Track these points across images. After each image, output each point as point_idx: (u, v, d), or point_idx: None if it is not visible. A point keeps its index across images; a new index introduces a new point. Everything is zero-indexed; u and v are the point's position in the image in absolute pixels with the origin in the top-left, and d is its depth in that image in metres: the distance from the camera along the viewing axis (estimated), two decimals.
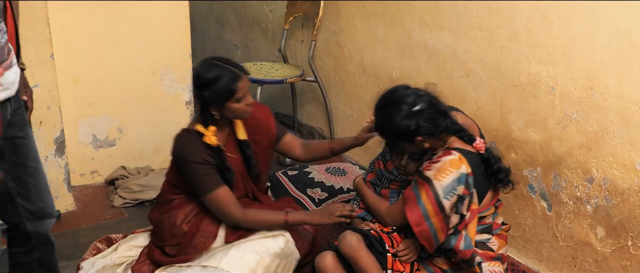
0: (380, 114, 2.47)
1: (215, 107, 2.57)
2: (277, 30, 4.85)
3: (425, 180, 2.40)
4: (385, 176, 2.78)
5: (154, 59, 3.78)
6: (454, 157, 2.38)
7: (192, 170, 2.60)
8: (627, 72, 2.49)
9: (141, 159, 3.93)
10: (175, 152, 2.66)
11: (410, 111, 2.38)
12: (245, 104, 2.60)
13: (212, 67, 2.55)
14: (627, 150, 2.54)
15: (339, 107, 4.29)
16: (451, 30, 3.25)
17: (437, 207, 2.37)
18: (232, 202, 2.64)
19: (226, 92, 2.53)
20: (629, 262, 2.62)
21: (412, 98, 2.40)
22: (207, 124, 2.60)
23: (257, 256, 2.61)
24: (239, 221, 2.65)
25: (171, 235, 2.70)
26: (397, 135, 2.45)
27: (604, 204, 2.66)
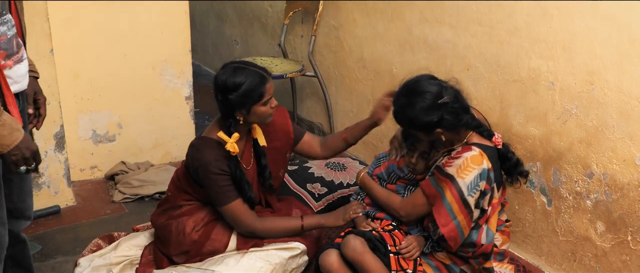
0: (403, 102, 2.43)
1: (241, 111, 2.53)
2: (276, 25, 4.85)
3: (448, 177, 2.37)
4: (395, 173, 2.75)
5: (153, 54, 3.78)
6: (475, 152, 2.37)
7: (211, 181, 2.56)
8: (627, 67, 2.48)
9: (141, 154, 3.93)
10: (193, 161, 2.60)
11: (436, 103, 2.37)
12: (270, 107, 2.57)
13: (238, 71, 2.51)
14: (627, 145, 2.54)
15: (338, 102, 4.29)
16: (451, 25, 3.24)
17: (462, 204, 2.36)
18: (249, 213, 2.63)
19: (255, 95, 2.49)
20: (629, 257, 2.62)
21: (437, 89, 2.40)
22: (230, 131, 2.54)
23: (270, 266, 2.61)
24: (257, 231, 2.65)
25: (179, 242, 2.67)
26: (418, 125, 2.41)
27: (604, 199, 2.67)
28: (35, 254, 2.99)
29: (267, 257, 2.63)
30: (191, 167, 2.62)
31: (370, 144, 4.05)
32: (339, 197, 3.42)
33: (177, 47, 3.85)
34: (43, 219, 3.32)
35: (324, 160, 3.71)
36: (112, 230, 3.21)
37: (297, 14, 4.51)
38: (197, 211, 2.70)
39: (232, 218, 2.63)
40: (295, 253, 2.68)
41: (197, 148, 2.60)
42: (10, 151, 1.87)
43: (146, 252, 2.82)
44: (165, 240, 2.72)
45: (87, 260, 2.80)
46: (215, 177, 2.55)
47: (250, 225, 2.63)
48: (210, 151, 2.56)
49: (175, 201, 2.75)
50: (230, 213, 2.61)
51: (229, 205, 2.59)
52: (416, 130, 2.47)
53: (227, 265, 2.59)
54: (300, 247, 2.70)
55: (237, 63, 2.58)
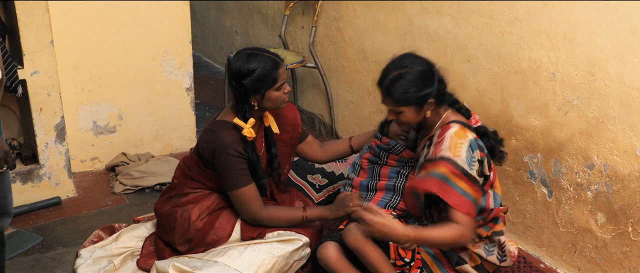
0: (396, 73, 2.43)
1: (256, 96, 2.56)
2: (277, 16, 4.84)
3: (444, 159, 2.34)
4: (383, 149, 2.77)
5: (154, 45, 3.77)
6: (456, 128, 2.39)
7: (227, 164, 2.57)
8: (628, 58, 2.48)
9: (141, 146, 3.93)
10: (209, 144, 2.61)
11: (430, 70, 2.42)
12: (284, 92, 2.61)
13: (252, 57, 2.55)
14: (627, 136, 2.54)
15: (339, 93, 4.29)
16: (452, 16, 3.24)
17: (468, 179, 2.34)
18: (257, 200, 2.64)
19: (269, 80, 2.54)
20: (629, 248, 2.62)
21: (426, 60, 2.45)
22: (246, 117, 2.58)
23: (273, 259, 2.61)
24: (261, 219, 2.66)
25: (183, 230, 2.68)
26: (413, 97, 2.39)
27: (605, 190, 2.66)
28: (36, 245, 3.00)
29: (270, 250, 2.63)
30: (207, 150, 2.63)
31: None
32: (340, 188, 3.42)
33: (178, 38, 3.84)
34: (44, 210, 3.33)
35: None
36: (113, 222, 3.21)
37: (298, 5, 4.50)
38: (203, 199, 2.71)
39: (241, 203, 2.64)
40: (297, 246, 2.69)
41: (214, 131, 2.62)
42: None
43: (147, 243, 2.83)
44: (170, 227, 2.73)
45: (88, 251, 2.81)
46: (233, 159, 2.57)
47: (256, 212, 2.65)
48: (227, 133, 2.59)
49: (182, 188, 2.76)
50: (240, 198, 2.62)
51: (242, 189, 2.60)
52: (409, 104, 2.42)
53: (230, 257, 2.59)
54: (303, 239, 2.71)
55: (250, 49, 2.62)
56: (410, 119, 2.47)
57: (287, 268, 2.69)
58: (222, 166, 2.60)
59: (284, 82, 2.60)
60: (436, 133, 2.45)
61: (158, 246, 2.77)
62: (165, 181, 3.61)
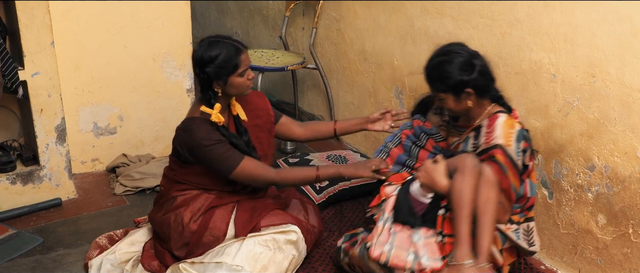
0: (437, 60, 2.53)
1: (219, 82, 2.59)
2: (277, 17, 4.84)
3: (497, 147, 2.44)
4: (425, 132, 2.77)
5: (154, 45, 3.77)
6: (504, 118, 2.49)
7: (211, 153, 2.59)
8: (629, 59, 2.48)
9: (142, 147, 3.93)
10: (184, 144, 2.63)
11: (471, 61, 2.49)
12: (247, 78, 2.63)
13: (214, 44, 2.59)
14: (628, 137, 2.54)
15: (340, 94, 4.29)
16: (452, 17, 3.24)
17: (514, 168, 2.44)
18: (261, 167, 2.64)
19: (230, 65, 2.56)
20: (630, 250, 2.62)
21: (471, 50, 2.53)
22: (211, 103, 2.61)
23: (269, 252, 2.62)
24: (274, 180, 2.67)
25: (178, 234, 2.68)
26: (450, 83, 2.48)
27: (605, 192, 2.66)
28: (37, 247, 3.00)
29: (265, 243, 2.64)
30: (184, 150, 2.65)
31: (372, 136, 4.05)
32: (340, 189, 3.42)
33: (178, 39, 3.84)
34: (44, 212, 3.33)
35: (325, 153, 3.71)
36: (114, 223, 3.22)
37: (298, 6, 4.50)
38: (193, 201, 2.71)
39: (247, 177, 2.64)
40: (291, 238, 2.69)
41: (185, 130, 2.65)
42: None
43: (147, 246, 2.83)
44: (165, 235, 2.73)
45: (97, 260, 2.80)
46: (214, 147, 2.58)
47: (267, 177, 2.64)
48: (198, 128, 2.61)
49: (169, 193, 2.76)
50: (243, 174, 2.62)
51: (239, 166, 2.60)
52: (448, 91, 2.52)
53: (229, 255, 2.59)
54: (295, 230, 2.71)
55: (212, 37, 2.65)
56: (451, 106, 2.56)
57: (287, 263, 2.68)
58: (208, 159, 2.61)
59: (246, 68, 2.61)
60: (483, 123, 2.53)
61: (157, 249, 2.77)
62: None
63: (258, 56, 4.32)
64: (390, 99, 3.81)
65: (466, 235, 2.36)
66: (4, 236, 3.07)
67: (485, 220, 2.38)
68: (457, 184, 2.40)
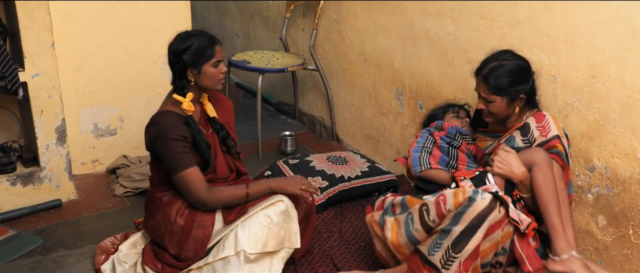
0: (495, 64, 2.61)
1: (193, 70, 2.67)
2: (278, 18, 4.84)
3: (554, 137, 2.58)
4: (460, 132, 2.85)
5: (154, 47, 3.77)
6: (550, 115, 2.64)
7: (168, 147, 2.61)
8: (629, 60, 2.48)
9: (142, 148, 3.92)
10: (151, 134, 2.67)
11: (529, 69, 2.63)
12: (220, 71, 2.71)
13: (189, 35, 2.72)
14: (628, 138, 2.54)
15: (340, 95, 4.29)
16: (453, 18, 3.24)
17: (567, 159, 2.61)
18: (201, 182, 2.64)
19: (206, 54, 2.66)
20: (630, 251, 2.62)
21: (526, 60, 2.66)
22: (184, 92, 2.70)
23: (265, 228, 2.61)
24: (205, 200, 2.64)
25: (169, 233, 2.69)
26: (513, 87, 2.57)
27: (605, 193, 2.66)
28: (37, 248, 3.00)
29: (258, 221, 2.62)
30: (151, 143, 2.68)
31: (372, 138, 4.05)
32: (340, 190, 3.42)
33: None
34: (44, 213, 3.33)
35: (325, 154, 3.71)
36: (114, 224, 3.22)
37: (299, 8, 4.50)
38: (177, 197, 2.72)
39: (186, 186, 2.63)
40: (281, 208, 2.66)
41: (153, 122, 2.70)
42: None
43: (146, 249, 2.83)
44: (158, 237, 2.75)
45: (108, 264, 2.82)
46: (173, 143, 2.61)
47: (200, 195, 2.63)
48: (165, 119, 2.66)
49: (154, 195, 2.80)
50: (184, 181, 2.62)
51: (184, 171, 2.61)
52: (505, 94, 2.59)
53: (230, 247, 2.59)
54: (282, 198, 2.68)
55: (189, 30, 2.80)
56: (501, 110, 2.63)
57: (284, 233, 2.66)
58: (163, 151, 2.63)
59: (220, 61, 2.71)
60: (529, 120, 2.64)
61: (155, 249, 2.78)
62: None
63: (258, 57, 4.32)
64: (391, 100, 3.82)
65: (562, 227, 2.44)
66: (4, 237, 3.07)
67: (566, 210, 2.51)
68: (541, 178, 2.47)
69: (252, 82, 5.19)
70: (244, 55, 4.40)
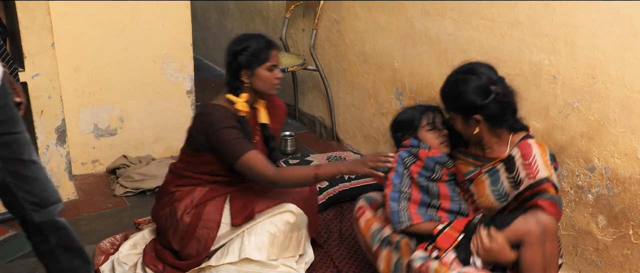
0: (456, 77, 2.44)
1: (247, 71, 2.65)
2: (278, 18, 4.84)
3: (545, 181, 2.31)
4: (438, 162, 2.57)
5: (154, 47, 3.77)
6: (535, 145, 2.38)
7: (223, 136, 2.59)
8: (629, 61, 2.48)
9: (142, 148, 3.93)
10: (201, 125, 2.65)
11: (488, 87, 2.36)
12: (275, 76, 2.69)
13: (248, 36, 2.72)
14: (628, 139, 2.54)
15: (340, 95, 4.29)
16: (453, 19, 3.24)
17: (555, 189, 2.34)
18: (265, 163, 2.60)
19: (261, 56, 2.65)
20: (630, 251, 2.62)
21: (494, 76, 2.40)
22: (237, 92, 2.68)
23: (270, 236, 2.62)
24: (274, 179, 2.59)
25: (174, 228, 2.69)
26: (460, 104, 2.39)
27: (605, 193, 2.66)
28: None
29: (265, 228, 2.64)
30: (200, 134, 2.65)
31: (372, 138, 4.05)
32: (340, 190, 3.42)
33: (178, 41, 3.84)
34: None
35: (325, 154, 3.71)
36: (114, 224, 3.22)
37: (299, 8, 4.50)
38: (187, 195, 2.72)
39: (250, 169, 2.58)
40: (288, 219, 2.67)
41: (204, 113, 2.69)
42: None
43: (147, 249, 2.83)
44: (163, 230, 2.75)
45: (107, 265, 2.82)
46: (228, 130, 2.59)
47: (269, 174, 2.58)
48: (217, 112, 2.65)
49: (168, 188, 2.78)
50: (247, 165, 2.58)
51: (246, 155, 2.57)
52: (456, 111, 2.44)
53: (233, 254, 2.61)
54: (292, 208, 2.69)
55: (248, 32, 2.80)
56: (461, 128, 2.47)
57: (289, 242, 2.68)
58: (219, 141, 2.60)
59: (276, 65, 2.69)
60: (514, 153, 2.39)
61: (157, 249, 2.78)
62: None
63: None
64: (391, 101, 3.81)
65: None
66: (4, 237, 3.07)
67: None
68: (527, 258, 2.27)
69: None
70: None
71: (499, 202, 2.44)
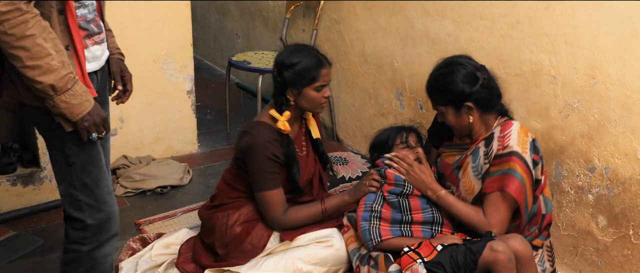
0: (440, 71, 2.46)
1: (293, 91, 2.53)
2: (278, 18, 4.84)
3: (512, 154, 2.32)
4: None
5: (155, 47, 3.77)
6: (518, 124, 2.40)
7: (257, 164, 2.53)
8: (629, 61, 2.48)
9: (142, 148, 3.93)
10: (242, 143, 2.57)
11: (474, 73, 2.41)
12: (323, 96, 2.56)
13: (298, 50, 2.55)
14: (628, 139, 2.54)
15: (340, 96, 4.29)
16: (453, 19, 3.24)
17: (530, 178, 2.33)
18: (280, 205, 2.58)
19: (308, 76, 2.51)
20: (630, 251, 2.62)
21: (476, 64, 2.45)
22: (281, 109, 2.57)
23: (309, 267, 2.57)
24: (281, 222, 2.60)
25: (221, 233, 2.64)
26: (451, 94, 2.41)
27: (606, 193, 2.66)
28: (37, 248, 3.00)
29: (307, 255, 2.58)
30: (240, 151, 2.59)
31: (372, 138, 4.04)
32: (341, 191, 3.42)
33: (179, 41, 3.84)
34: (45, 213, 3.32)
35: None
36: None
37: (299, 8, 4.50)
38: (242, 206, 2.68)
39: (265, 205, 2.59)
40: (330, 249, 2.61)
41: (248, 131, 2.59)
42: (82, 118, 2.00)
43: (183, 249, 2.78)
44: (210, 230, 2.69)
45: (129, 263, 2.79)
46: (263, 160, 2.52)
47: (277, 217, 2.59)
48: (262, 132, 2.54)
49: (221, 199, 2.74)
50: (264, 201, 2.57)
51: (268, 192, 2.55)
52: (447, 104, 2.45)
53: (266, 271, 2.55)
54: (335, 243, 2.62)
55: (300, 44, 2.62)
56: (452, 121, 2.48)
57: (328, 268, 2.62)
58: (252, 165, 2.55)
59: (325, 85, 2.55)
60: (495, 130, 2.43)
61: (196, 250, 2.73)
62: (166, 184, 3.61)
63: (259, 58, 4.32)
64: (391, 101, 3.82)
65: None
66: (4, 238, 3.07)
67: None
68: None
69: (252, 82, 5.18)
70: (244, 55, 4.40)
71: (476, 179, 2.44)
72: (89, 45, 2.13)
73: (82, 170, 2.13)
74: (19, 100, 2.04)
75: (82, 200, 2.16)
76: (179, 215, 3.32)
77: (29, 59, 1.86)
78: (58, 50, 1.92)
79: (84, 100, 1.99)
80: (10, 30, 1.82)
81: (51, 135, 2.11)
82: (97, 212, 2.19)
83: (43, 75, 1.89)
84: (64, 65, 1.92)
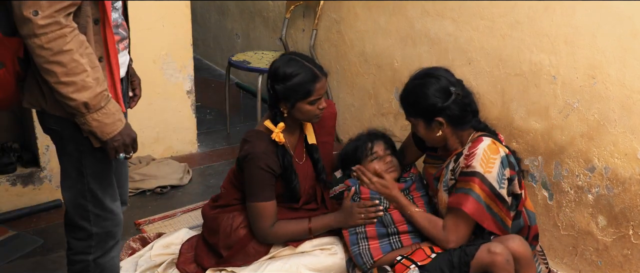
0: (414, 83, 2.43)
1: (286, 104, 2.49)
2: (278, 18, 4.84)
3: (474, 175, 2.29)
4: None
5: (154, 47, 3.77)
6: (488, 141, 2.34)
7: (253, 175, 2.51)
8: (629, 61, 2.48)
9: (142, 148, 3.90)
10: (244, 152, 2.55)
11: (447, 88, 2.37)
12: (318, 107, 2.51)
13: (292, 62, 2.47)
14: (628, 139, 2.54)
15: (340, 96, 4.29)
16: (453, 19, 3.24)
17: (496, 198, 2.30)
18: (270, 219, 2.55)
19: (301, 91, 2.44)
20: (630, 251, 2.62)
21: (452, 79, 2.41)
22: (276, 120, 2.52)
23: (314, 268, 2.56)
24: (266, 235, 2.57)
25: (225, 234, 2.62)
26: (421, 107, 2.39)
27: (605, 193, 2.66)
28: (37, 248, 3.00)
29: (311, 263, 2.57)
30: (241, 160, 2.57)
31: None
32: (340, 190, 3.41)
33: (178, 41, 3.84)
34: (45, 213, 3.32)
35: None
36: None
37: (299, 8, 4.50)
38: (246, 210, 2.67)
39: (254, 216, 2.56)
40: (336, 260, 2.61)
41: (248, 141, 2.56)
42: (113, 138, 1.94)
43: (184, 248, 2.78)
44: (214, 230, 2.67)
45: (128, 263, 2.78)
46: (258, 172, 2.49)
47: (264, 229, 2.56)
48: (260, 143, 2.51)
49: (227, 199, 2.72)
50: (255, 211, 2.55)
51: (259, 204, 2.52)
52: (417, 116, 2.44)
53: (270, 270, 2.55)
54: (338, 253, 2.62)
55: (295, 54, 2.54)
56: (423, 133, 2.47)
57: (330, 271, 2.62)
58: (247, 175, 2.54)
59: (319, 98, 2.48)
60: (466, 146, 2.40)
61: (198, 251, 2.72)
62: (166, 184, 3.61)
63: (258, 58, 4.32)
64: (391, 101, 3.81)
65: None
66: (4, 237, 3.07)
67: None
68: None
69: (252, 82, 5.18)
70: (244, 55, 4.40)
71: (445, 193, 2.45)
72: (120, 50, 2.06)
73: (94, 180, 2.06)
74: (41, 108, 1.96)
75: (90, 210, 2.10)
76: (179, 215, 3.32)
77: (64, 74, 1.79)
78: (93, 66, 1.85)
79: (116, 120, 1.93)
80: (47, 44, 1.75)
81: (68, 143, 2.02)
82: (103, 221, 2.14)
83: (77, 92, 1.82)
84: (98, 83, 1.86)
